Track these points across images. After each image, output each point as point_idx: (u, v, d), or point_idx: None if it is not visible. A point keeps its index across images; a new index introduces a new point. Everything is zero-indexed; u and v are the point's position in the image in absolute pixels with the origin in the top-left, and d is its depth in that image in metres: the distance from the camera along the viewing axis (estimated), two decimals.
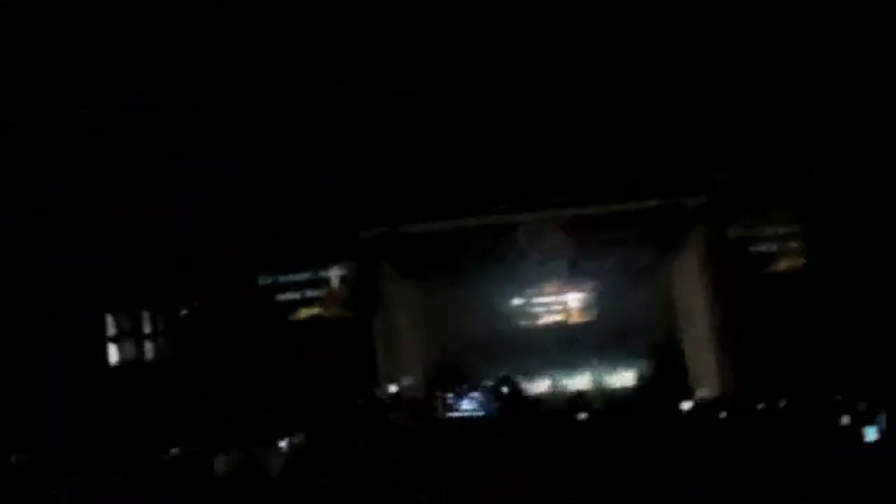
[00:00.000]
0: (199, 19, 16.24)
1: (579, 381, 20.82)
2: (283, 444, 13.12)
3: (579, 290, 21.96)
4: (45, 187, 17.70)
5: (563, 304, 21.99)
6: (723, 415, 14.22)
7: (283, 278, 21.14)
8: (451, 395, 14.94)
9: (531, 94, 18.64)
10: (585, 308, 21.87)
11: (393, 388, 15.13)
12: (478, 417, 13.93)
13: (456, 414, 14.14)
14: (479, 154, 19.03)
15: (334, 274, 21.16)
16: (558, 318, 21.89)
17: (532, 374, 20.61)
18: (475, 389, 14.47)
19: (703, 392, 18.07)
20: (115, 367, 19.40)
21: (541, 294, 22.03)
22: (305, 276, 21.18)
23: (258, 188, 19.35)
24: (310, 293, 21.15)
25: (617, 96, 18.66)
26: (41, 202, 17.81)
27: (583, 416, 14.77)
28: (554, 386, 20.69)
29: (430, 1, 17.04)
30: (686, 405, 14.99)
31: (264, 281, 21.03)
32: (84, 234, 18.33)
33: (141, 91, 16.88)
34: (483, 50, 17.92)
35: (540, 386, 20.64)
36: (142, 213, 18.86)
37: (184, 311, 20.85)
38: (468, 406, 14.25)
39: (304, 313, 21.08)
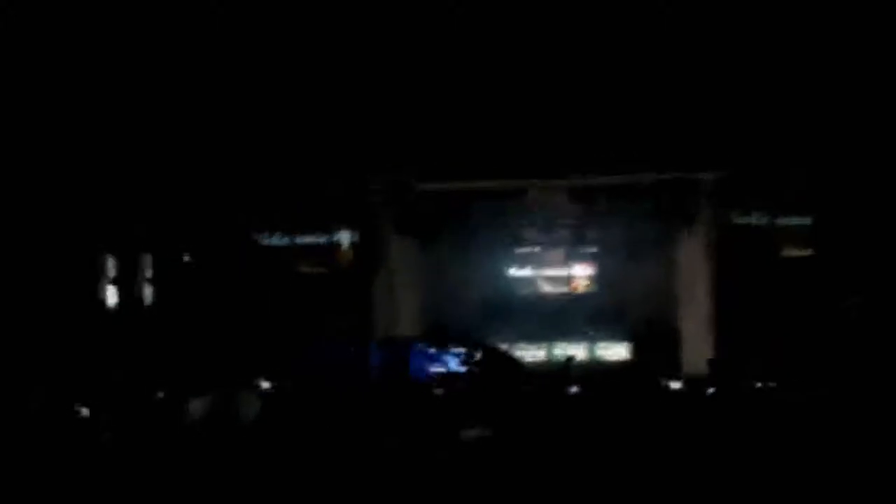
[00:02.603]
0: None
1: (575, 353, 20.65)
2: (263, 387, 13.09)
3: (583, 261, 21.78)
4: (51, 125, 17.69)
5: (565, 273, 21.84)
6: (709, 393, 14.06)
7: (288, 232, 21.18)
8: (432, 349, 14.71)
9: (552, 62, 18.48)
10: (587, 279, 21.71)
11: None
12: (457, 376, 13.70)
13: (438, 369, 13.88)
14: (493, 116, 18.90)
15: (338, 228, 21.17)
16: (559, 287, 21.75)
17: (528, 341, 20.54)
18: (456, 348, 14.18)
19: (695, 371, 17.89)
20: (112, 309, 19.47)
21: (544, 262, 21.88)
22: (311, 228, 21.21)
23: (269, 140, 19.38)
24: (313, 246, 21.20)
25: (638, 68, 18.45)
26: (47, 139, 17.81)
27: (574, 389, 14.63)
28: (549, 356, 20.60)
29: None
30: (675, 384, 14.82)
31: (268, 232, 21.11)
32: (90, 174, 18.36)
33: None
34: (502, 15, 17.76)
35: (535, 354, 20.58)
36: (155, 159, 18.95)
37: (186, 258, 20.93)
38: (452, 364, 14.00)
39: (306, 266, 21.14)
